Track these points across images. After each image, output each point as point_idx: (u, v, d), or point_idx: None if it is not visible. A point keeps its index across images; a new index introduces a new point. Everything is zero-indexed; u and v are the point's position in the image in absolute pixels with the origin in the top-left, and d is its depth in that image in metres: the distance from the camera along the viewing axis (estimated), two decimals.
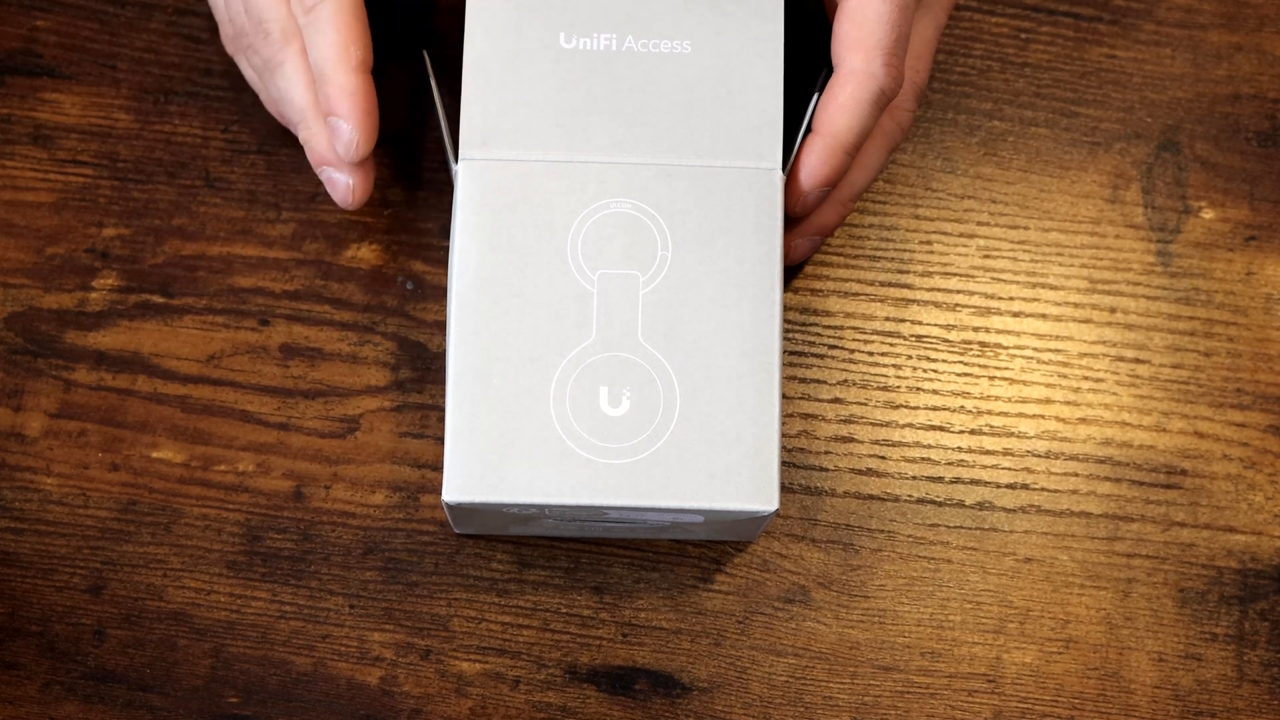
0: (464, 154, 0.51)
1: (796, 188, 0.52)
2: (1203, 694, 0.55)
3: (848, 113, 0.52)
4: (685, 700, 0.55)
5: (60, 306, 0.57)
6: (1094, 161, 0.59)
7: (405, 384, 0.57)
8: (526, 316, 0.50)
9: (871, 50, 0.51)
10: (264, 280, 0.57)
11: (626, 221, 0.50)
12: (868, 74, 0.51)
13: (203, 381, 0.57)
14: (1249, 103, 0.60)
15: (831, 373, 0.58)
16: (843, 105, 0.51)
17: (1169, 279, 0.59)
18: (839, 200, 0.55)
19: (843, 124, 0.52)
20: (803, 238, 0.55)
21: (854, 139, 0.52)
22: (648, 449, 0.49)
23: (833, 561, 0.56)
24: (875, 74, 0.51)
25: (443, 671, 0.55)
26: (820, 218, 0.55)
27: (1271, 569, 0.56)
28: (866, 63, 0.51)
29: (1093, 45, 0.60)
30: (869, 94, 0.51)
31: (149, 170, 0.58)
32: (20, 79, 0.59)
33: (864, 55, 0.51)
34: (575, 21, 0.52)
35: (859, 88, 0.51)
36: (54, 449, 0.56)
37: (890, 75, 0.51)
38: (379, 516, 0.56)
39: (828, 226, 0.55)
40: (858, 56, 0.51)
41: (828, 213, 0.55)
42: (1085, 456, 0.57)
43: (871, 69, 0.51)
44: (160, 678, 0.55)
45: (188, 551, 0.56)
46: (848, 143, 0.52)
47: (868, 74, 0.51)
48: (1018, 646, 0.56)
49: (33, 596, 0.55)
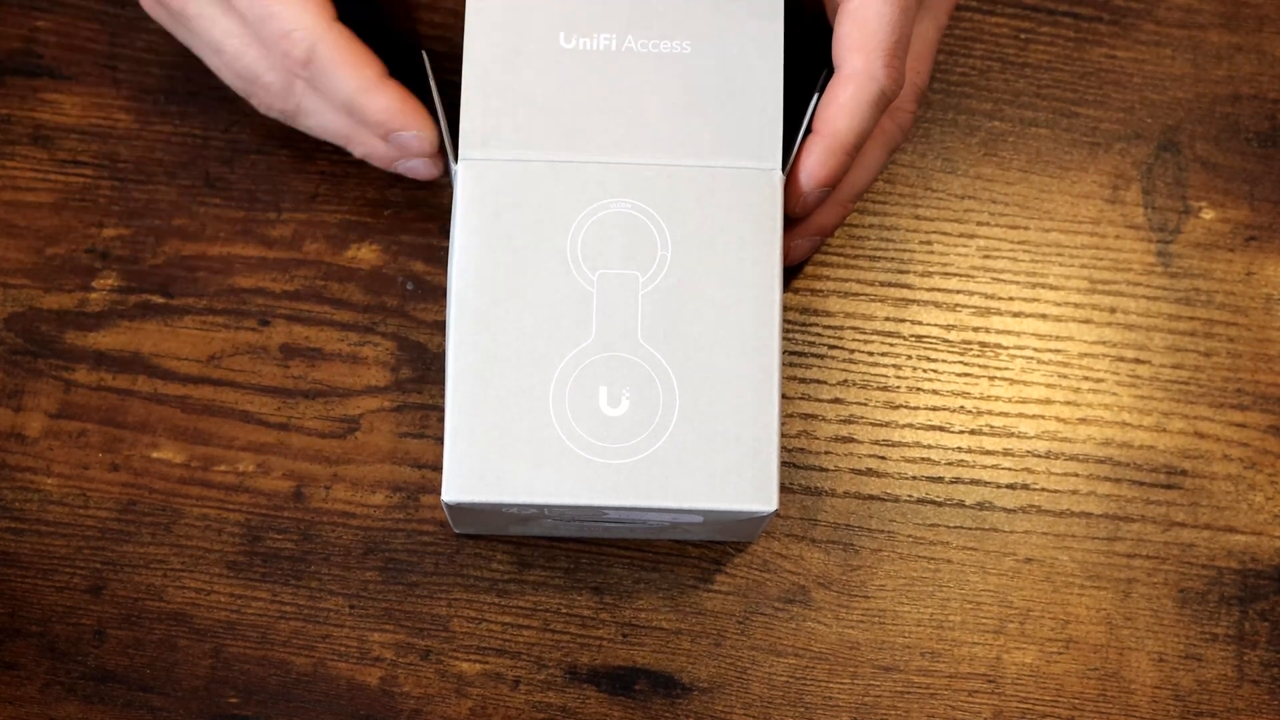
0: (463, 154, 0.51)
1: (796, 188, 0.52)
2: (1203, 694, 0.55)
3: (848, 114, 0.51)
4: (685, 700, 0.55)
5: (60, 307, 0.57)
6: (1094, 162, 0.59)
7: (405, 384, 0.57)
8: (526, 316, 0.50)
9: (873, 51, 0.51)
10: (264, 280, 0.57)
11: (626, 222, 0.50)
12: (869, 75, 0.51)
13: (203, 382, 0.57)
14: (1249, 103, 0.60)
15: (831, 373, 0.58)
16: (843, 106, 0.51)
17: (1169, 279, 0.59)
18: (839, 201, 0.55)
19: (843, 125, 0.52)
20: (802, 238, 0.55)
21: (854, 140, 0.52)
22: (647, 449, 0.49)
23: (833, 561, 0.56)
24: (876, 75, 0.51)
25: (443, 672, 0.55)
26: (820, 218, 0.55)
27: (1271, 569, 0.56)
28: (867, 64, 0.51)
29: (1093, 45, 0.60)
30: (870, 95, 0.51)
31: (149, 170, 0.58)
32: (20, 79, 0.59)
33: (865, 56, 0.51)
34: (575, 21, 0.52)
35: (860, 89, 0.51)
36: (54, 449, 0.56)
37: (891, 77, 0.51)
38: (379, 516, 0.56)
39: (827, 227, 0.55)
40: (859, 57, 0.51)
41: (828, 213, 0.55)
42: (1085, 457, 0.57)
43: (873, 70, 0.51)
44: (160, 678, 0.55)
45: (188, 552, 0.56)
46: (848, 143, 0.52)
47: (869, 75, 0.51)
48: (1018, 647, 0.56)
49: (33, 597, 0.55)
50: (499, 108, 0.51)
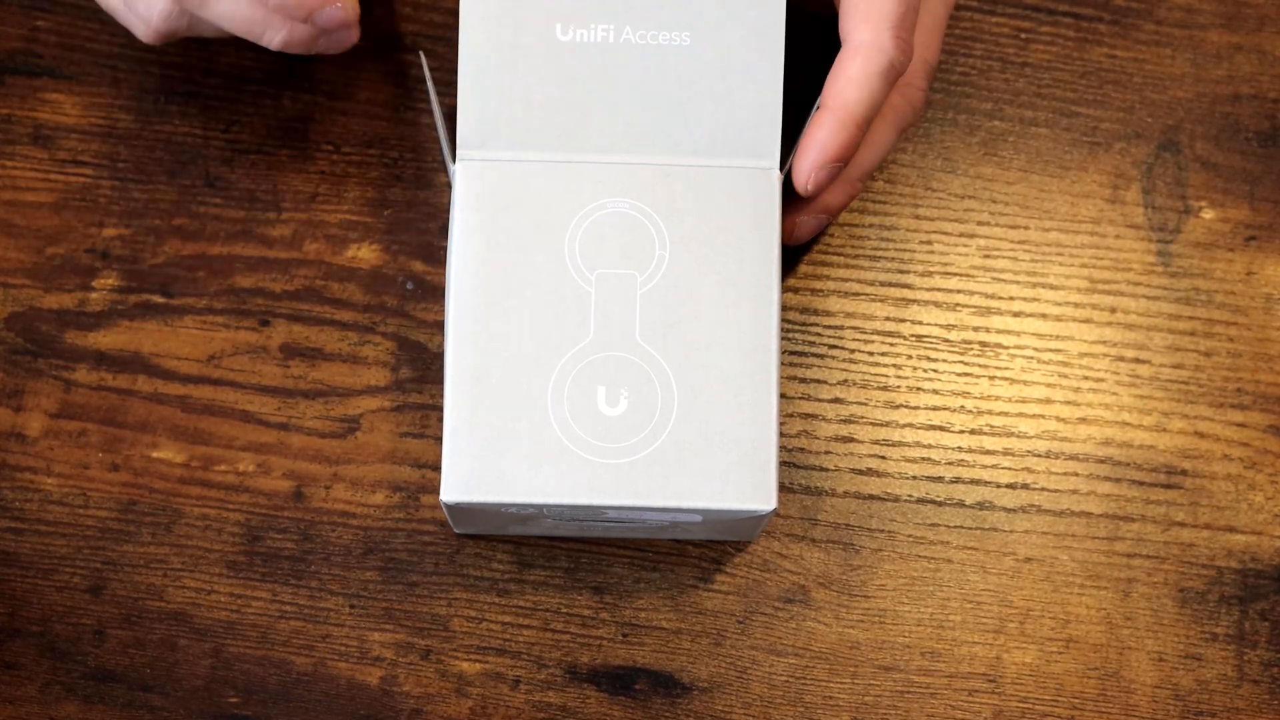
0: (461, 154, 0.51)
1: (804, 164, 0.51)
2: (1203, 694, 0.55)
3: (857, 85, 0.51)
4: (685, 700, 0.55)
5: (60, 306, 0.57)
6: (1094, 161, 0.59)
7: (405, 384, 0.57)
8: (525, 316, 0.50)
9: (880, 22, 0.51)
10: (264, 280, 0.57)
11: (624, 221, 0.50)
12: (877, 47, 0.51)
13: (203, 381, 0.57)
14: (1249, 103, 0.60)
15: (831, 373, 0.57)
16: (852, 79, 0.51)
17: (1169, 279, 0.59)
18: (849, 179, 0.54)
19: (852, 97, 0.51)
20: (809, 216, 0.54)
21: (864, 112, 0.51)
22: (646, 449, 0.49)
23: (833, 561, 0.56)
24: (885, 46, 0.51)
25: (443, 671, 0.55)
26: (829, 197, 0.54)
27: (1271, 569, 0.56)
28: (875, 35, 0.51)
29: (1093, 45, 0.60)
30: (878, 67, 0.51)
31: (149, 170, 0.58)
32: (20, 79, 0.59)
33: (872, 27, 0.51)
34: (572, 11, 0.51)
35: (868, 60, 0.51)
36: (54, 449, 0.56)
37: (899, 48, 0.51)
38: (379, 516, 0.56)
39: (834, 206, 0.54)
40: (866, 29, 0.51)
41: (836, 191, 0.54)
42: (1085, 456, 0.57)
43: (881, 41, 0.51)
44: (160, 678, 0.55)
45: (188, 551, 0.56)
46: (858, 116, 0.51)
47: (877, 47, 0.51)
48: (1018, 646, 0.56)
49: (33, 596, 0.55)
50: (496, 107, 0.51)
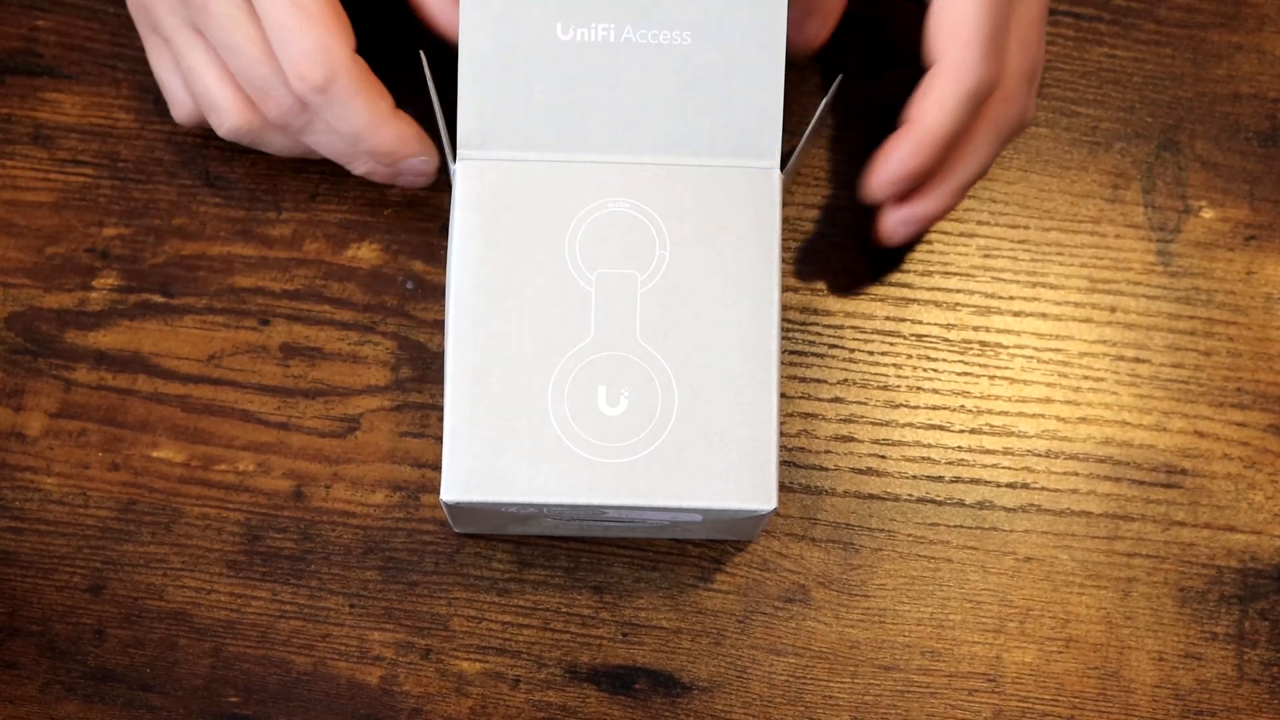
0: (462, 154, 0.51)
1: (876, 178, 0.52)
2: (1203, 693, 0.55)
3: (940, 108, 0.51)
4: (685, 700, 0.55)
5: (60, 306, 0.57)
6: (1094, 161, 0.59)
7: (405, 383, 0.57)
8: (525, 316, 0.50)
9: (969, 41, 0.51)
10: (264, 280, 0.57)
11: (625, 221, 0.50)
12: (965, 68, 0.51)
13: (203, 381, 0.57)
14: (1249, 103, 0.60)
15: (831, 372, 0.57)
16: (936, 101, 0.51)
17: (1169, 278, 0.59)
18: (949, 191, 0.54)
19: (934, 118, 0.51)
20: (908, 225, 0.54)
21: (945, 134, 0.51)
22: (646, 448, 0.49)
23: (833, 561, 0.56)
24: (972, 67, 0.51)
25: (443, 671, 0.55)
26: (926, 207, 0.54)
27: (1271, 569, 0.56)
28: (963, 56, 0.51)
29: (1093, 45, 0.60)
30: (965, 89, 0.51)
31: (149, 170, 0.58)
32: (20, 79, 0.59)
33: (960, 46, 0.51)
34: (572, 11, 0.51)
35: (954, 83, 0.51)
36: (54, 449, 0.56)
37: (988, 67, 0.51)
38: (379, 516, 0.56)
39: (932, 216, 0.54)
40: (955, 48, 0.51)
41: (933, 202, 0.54)
42: (1085, 456, 0.57)
43: (969, 61, 0.51)
44: (160, 677, 0.55)
45: (188, 551, 0.56)
46: (938, 138, 0.51)
47: (965, 68, 0.51)
48: (1018, 646, 0.56)
49: (33, 596, 0.55)
50: (497, 106, 0.51)
